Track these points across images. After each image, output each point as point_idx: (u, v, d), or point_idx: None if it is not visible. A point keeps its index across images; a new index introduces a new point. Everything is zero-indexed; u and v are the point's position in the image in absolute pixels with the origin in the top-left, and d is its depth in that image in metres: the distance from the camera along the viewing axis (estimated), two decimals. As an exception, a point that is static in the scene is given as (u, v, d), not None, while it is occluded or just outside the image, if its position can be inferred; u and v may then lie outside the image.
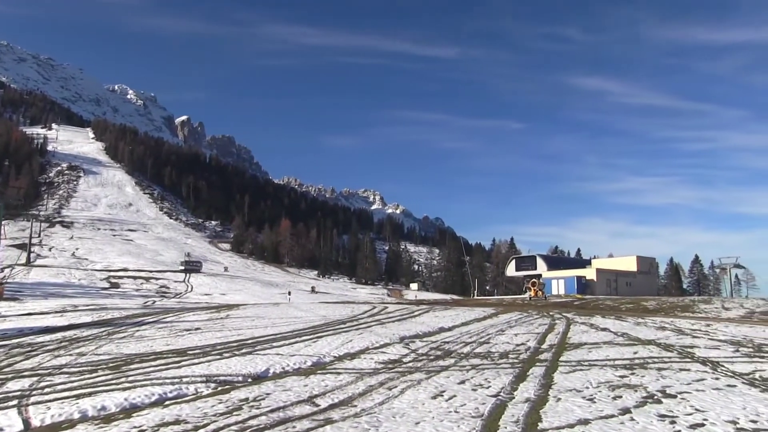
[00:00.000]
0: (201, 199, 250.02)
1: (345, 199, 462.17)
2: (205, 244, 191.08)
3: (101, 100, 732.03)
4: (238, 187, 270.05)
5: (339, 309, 43.75)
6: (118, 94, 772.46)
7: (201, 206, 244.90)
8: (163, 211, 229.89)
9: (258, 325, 30.19)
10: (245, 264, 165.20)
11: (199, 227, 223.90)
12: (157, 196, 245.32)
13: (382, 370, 15.58)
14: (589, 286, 78.16)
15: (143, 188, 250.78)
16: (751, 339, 22.80)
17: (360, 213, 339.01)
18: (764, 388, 12.50)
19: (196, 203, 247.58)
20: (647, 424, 9.54)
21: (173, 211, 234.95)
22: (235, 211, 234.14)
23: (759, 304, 48.27)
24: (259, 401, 11.66)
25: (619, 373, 14.51)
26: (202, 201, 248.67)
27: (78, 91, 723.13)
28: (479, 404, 11.07)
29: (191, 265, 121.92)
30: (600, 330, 26.52)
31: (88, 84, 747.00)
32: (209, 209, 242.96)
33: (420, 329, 27.07)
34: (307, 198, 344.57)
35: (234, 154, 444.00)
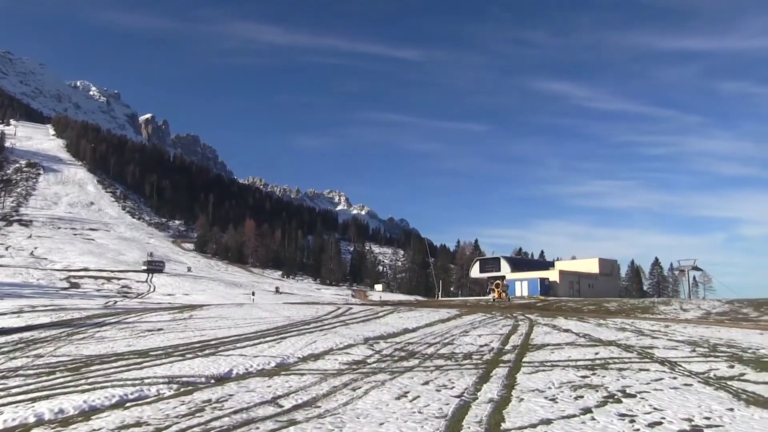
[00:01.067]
0: (164, 199, 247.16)
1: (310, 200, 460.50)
2: (169, 244, 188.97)
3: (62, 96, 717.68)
4: (203, 186, 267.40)
5: (303, 310, 43.58)
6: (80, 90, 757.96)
7: (164, 205, 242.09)
8: (126, 210, 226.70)
9: (221, 325, 29.94)
10: (209, 264, 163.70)
11: (162, 227, 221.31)
12: (119, 195, 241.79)
13: (346, 371, 15.56)
14: (552, 287, 79.01)
15: (105, 187, 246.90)
16: (707, 339, 23.31)
17: (325, 214, 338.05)
18: (718, 386, 12.82)
19: (160, 202, 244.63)
20: (608, 423, 9.68)
21: (136, 211, 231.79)
22: (199, 210, 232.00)
23: (715, 305, 49.30)
24: (222, 402, 11.55)
25: (581, 374, 14.70)
26: (166, 200, 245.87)
27: (38, 86, 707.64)
28: (443, 405, 11.12)
29: (154, 265, 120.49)
30: (562, 331, 26.84)
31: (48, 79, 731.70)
32: (173, 209, 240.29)
33: (384, 330, 27.10)
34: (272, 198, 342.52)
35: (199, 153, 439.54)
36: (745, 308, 45.35)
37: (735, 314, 42.26)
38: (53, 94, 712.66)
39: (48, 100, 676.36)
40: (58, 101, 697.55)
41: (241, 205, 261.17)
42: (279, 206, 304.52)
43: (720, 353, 18.74)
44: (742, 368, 15.49)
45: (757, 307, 45.23)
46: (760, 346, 20.97)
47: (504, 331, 27.03)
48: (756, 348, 20.43)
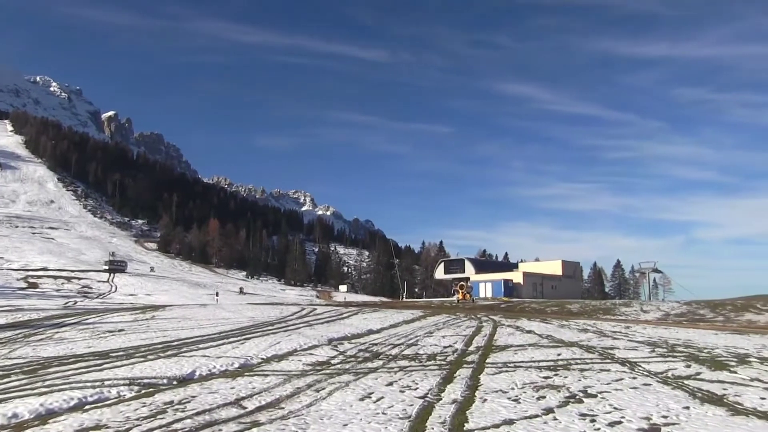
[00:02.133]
0: (127, 197, 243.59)
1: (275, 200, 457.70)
2: (131, 244, 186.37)
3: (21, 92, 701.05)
4: (167, 185, 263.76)
5: (267, 310, 43.35)
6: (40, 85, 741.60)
7: (127, 204, 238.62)
8: (87, 208, 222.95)
9: (184, 326, 29.64)
10: (172, 264, 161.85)
11: (124, 226, 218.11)
12: (80, 194, 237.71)
13: (310, 371, 15.51)
14: (516, 289, 79.68)
15: (66, 185, 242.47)
16: (666, 340, 23.78)
17: (290, 214, 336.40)
18: (675, 385, 13.10)
19: (122, 201, 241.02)
20: (569, 423, 9.81)
21: (98, 209, 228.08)
22: (163, 210, 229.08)
23: (674, 306, 50.24)
24: (185, 404, 11.42)
25: (544, 374, 14.86)
26: (129, 199, 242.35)
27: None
28: (407, 406, 11.15)
29: (116, 264, 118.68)
30: (525, 332, 27.11)
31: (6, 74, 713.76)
32: (136, 208, 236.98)
33: (348, 331, 27.08)
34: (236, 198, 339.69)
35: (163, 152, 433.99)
36: (702, 309, 46.30)
37: (692, 315, 43.15)
38: (11, 89, 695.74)
39: (5, 95, 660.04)
40: (16, 96, 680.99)
41: (206, 204, 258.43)
42: (244, 206, 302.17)
43: (678, 353, 19.15)
44: (698, 368, 15.85)
45: (714, 308, 46.22)
46: (715, 346, 21.48)
47: (468, 332, 27.20)
48: (711, 348, 20.92)
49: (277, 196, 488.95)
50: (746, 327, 34.51)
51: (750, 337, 25.99)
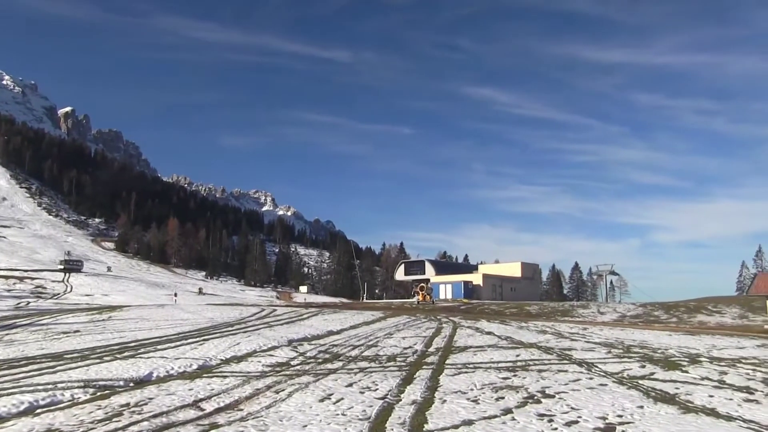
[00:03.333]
0: (84, 195, 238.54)
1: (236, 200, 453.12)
2: (88, 243, 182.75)
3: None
4: (125, 184, 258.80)
5: (227, 311, 43.01)
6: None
7: (84, 203, 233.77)
8: (42, 207, 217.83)
9: (142, 327, 29.24)
10: (130, 264, 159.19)
11: (81, 225, 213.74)
12: (35, 191, 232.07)
13: (270, 373, 15.42)
14: (476, 290, 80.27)
15: (19, 182, 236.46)
16: (622, 341, 24.23)
17: (250, 214, 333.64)
18: (630, 385, 13.37)
19: (79, 199, 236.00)
20: (527, 423, 9.92)
21: (53, 207, 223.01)
22: (121, 208, 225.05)
23: (630, 308, 51.21)
24: (141, 406, 11.24)
25: (502, 375, 15.00)
26: (86, 197, 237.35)
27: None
28: (366, 407, 11.15)
29: (71, 264, 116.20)
30: (485, 333, 27.34)
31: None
32: (93, 206, 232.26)
33: (309, 332, 26.99)
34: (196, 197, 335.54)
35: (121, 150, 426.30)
36: (656, 311, 47.31)
37: (648, 317, 44.05)
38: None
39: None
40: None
41: (165, 203, 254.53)
42: (204, 205, 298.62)
43: (633, 354, 19.53)
44: (653, 368, 16.20)
45: (668, 310, 47.27)
46: (669, 347, 21.98)
47: (428, 333, 27.32)
48: (665, 348, 21.40)
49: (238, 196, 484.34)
50: (698, 328, 35.37)
51: (701, 338, 26.66)
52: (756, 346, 23.18)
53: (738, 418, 10.28)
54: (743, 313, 44.48)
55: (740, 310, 45.85)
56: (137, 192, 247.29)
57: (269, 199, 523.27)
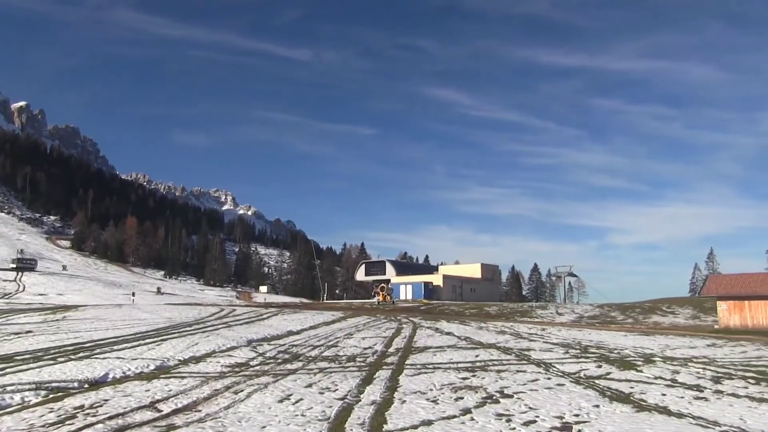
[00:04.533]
0: (39, 192, 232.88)
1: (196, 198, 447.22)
2: (42, 241, 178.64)
3: None
4: (82, 181, 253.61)
5: (185, 311, 42.57)
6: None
7: (39, 200, 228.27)
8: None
9: (98, 327, 28.77)
10: (86, 263, 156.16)
11: (35, 222, 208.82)
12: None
13: (229, 373, 15.29)
14: (436, 291, 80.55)
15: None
16: (579, 341, 24.63)
17: (210, 213, 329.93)
18: (587, 385, 13.59)
19: (33, 196, 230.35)
20: (486, 423, 10.00)
21: (5, 205, 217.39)
22: (78, 206, 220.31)
23: (587, 309, 52.04)
24: (96, 408, 11.03)
25: (462, 376, 15.11)
26: (40, 194, 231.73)
27: None
28: (326, 407, 11.13)
29: (24, 262, 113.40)
30: (444, 334, 27.52)
31: None
32: (48, 203, 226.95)
33: (268, 332, 26.86)
34: (155, 195, 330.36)
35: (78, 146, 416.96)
36: (613, 312, 48.17)
37: (604, 317, 44.82)
38: None
39: None
40: None
41: (123, 201, 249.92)
42: (163, 204, 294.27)
43: (590, 354, 19.86)
44: (609, 368, 16.51)
45: (624, 311, 48.17)
46: (625, 347, 22.42)
47: (388, 333, 27.39)
48: (621, 349, 21.82)
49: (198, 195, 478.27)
50: (652, 328, 36.12)
51: (655, 338, 27.25)
52: (706, 346, 23.82)
53: (688, 415, 10.56)
54: (695, 313, 45.56)
55: (692, 310, 46.95)
56: (94, 189, 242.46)
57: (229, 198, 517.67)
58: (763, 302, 35.20)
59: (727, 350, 22.36)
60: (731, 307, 36.15)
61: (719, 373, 15.91)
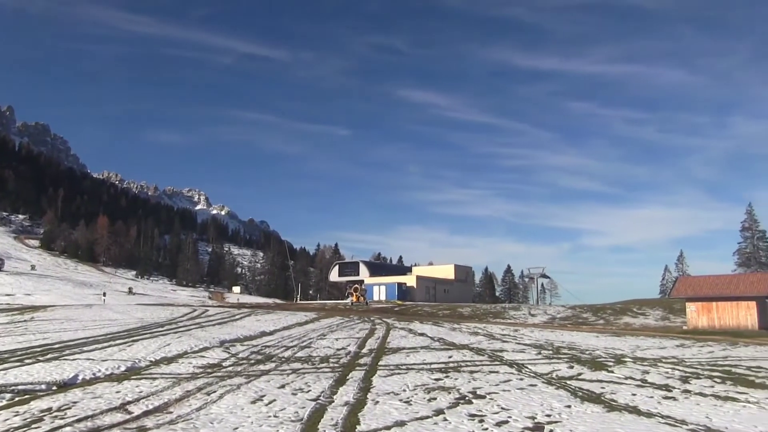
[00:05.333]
0: (7, 191, 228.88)
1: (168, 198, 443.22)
2: (10, 240, 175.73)
3: None
4: (52, 179, 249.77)
5: (157, 311, 42.21)
6: None
7: (6, 198, 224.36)
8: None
9: (67, 328, 28.40)
10: (56, 262, 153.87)
11: (3, 221, 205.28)
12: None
13: (201, 374, 15.18)
14: (410, 292, 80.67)
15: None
16: (552, 342, 24.84)
17: (183, 213, 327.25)
18: (559, 385, 13.72)
19: (1, 195, 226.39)
20: (458, 424, 10.04)
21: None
22: (47, 205, 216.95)
23: (560, 310, 52.50)
24: (64, 411, 10.86)
25: (435, 376, 15.15)
26: (9, 192, 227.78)
27: None
28: (299, 408, 11.10)
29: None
30: (418, 335, 27.58)
31: None
32: (17, 202, 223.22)
33: (241, 333, 26.73)
34: (128, 195, 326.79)
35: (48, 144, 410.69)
36: (585, 313, 48.65)
37: (576, 319, 45.24)
38: None
39: None
40: None
41: (94, 200, 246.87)
42: (135, 203, 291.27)
43: (562, 355, 20.04)
44: (580, 368, 16.67)
45: (595, 312, 48.67)
46: (596, 348, 22.67)
47: (361, 334, 27.39)
48: (592, 349, 22.05)
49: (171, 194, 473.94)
50: (623, 329, 36.55)
51: (626, 339, 27.60)
52: (675, 346, 24.19)
53: (657, 415, 10.71)
54: (665, 315, 46.18)
55: (662, 312, 47.57)
56: (65, 188, 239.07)
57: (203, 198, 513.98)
58: (730, 303, 35.81)
59: (695, 350, 22.74)
60: (699, 309, 36.72)
61: (687, 372, 16.17)
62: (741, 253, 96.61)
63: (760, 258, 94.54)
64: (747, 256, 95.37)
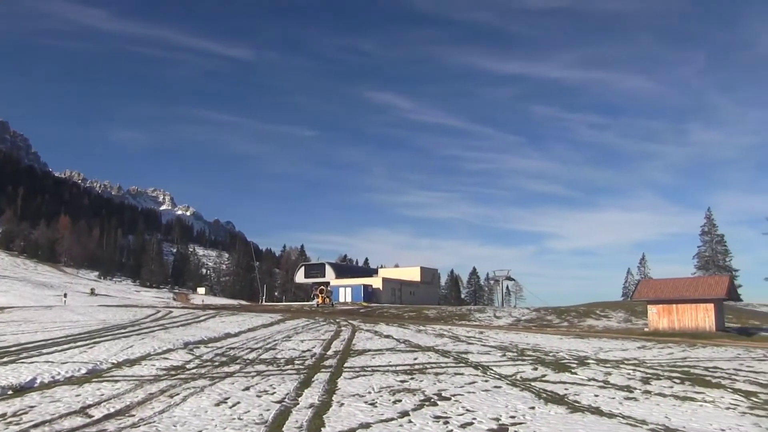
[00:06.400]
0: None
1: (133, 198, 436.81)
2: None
3: None
4: (11, 177, 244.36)
5: (120, 313, 41.64)
6: None
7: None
8: None
9: (26, 330, 27.85)
10: (14, 263, 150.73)
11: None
12: None
13: (164, 376, 14.99)
14: (375, 294, 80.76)
15: None
16: (516, 344, 25.07)
17: (148, 213, 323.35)
18: (523, 387, 13.85)
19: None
20: (423, 426, 10.07)
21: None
22: (6, 203, 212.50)
23: (524, 312, 52.97)
24: (20, 416, 10.59)
25: (400, 378, 15.18)
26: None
27: None
28: (263, 410, 11.02)
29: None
30: (383, 337, 27.61)
31: None
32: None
33: (205, 335, 26.49)
34: (91, 194, 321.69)
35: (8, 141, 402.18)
36: (549, 315, 49.14)
37: (541, 321, 45.70)
38: None
39: None
40: None
41: (56, 199, 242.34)
42: (98, 203, 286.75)
43: (526, 357, 20.23)
44: (544, 370, 16.84)
45: (559, 315, 49.20)
46: (560, 350, 22.93)
47: (326, 336, 27.33)
48: (556, 351, 22.30)
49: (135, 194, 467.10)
50: (587, 332, 37.02)
51: (589, 341, 27.97)
52: (637, 348, 24.59)
53: (618, 415, 10.89)
54: (627, 317, 46.86)
55: (625, 314, 48.29)
56: (25, 187, 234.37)
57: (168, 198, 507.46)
58: (690, 306, 36.48)
59: (656, 352, 23.15)
60: (660, 311, 37.34)
61: (648, 373, 16.46)
62: (700, 256, 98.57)
63: (719, 261, 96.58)
64: (706, 260, 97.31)
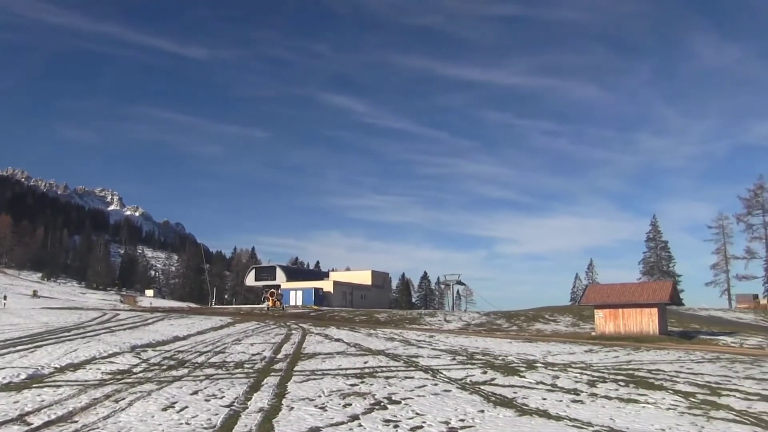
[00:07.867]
0: None
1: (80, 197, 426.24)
2: None
3: None
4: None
5: (64, 315, 40.70)
6: None
7: None
8: None
9: (-38, 333, 26.93)
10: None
11: None
12: None
13: (110, 381, 14.67)
14: (326, 297, 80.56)
15: None
16: (466, 348, 25.31)
17: (95, 213, 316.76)
18: (473, 391, 13.98)
19: None
20: (373, 429, 10.07)
21: None
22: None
23: (475, 317, 53.52)
24: (-47, 424, 10.23)
25: (350, 382, 15.16)
26: None
27: None
28: (212, 415, 10.88)
29: None
30: (334, 340, 27.59)
31: None
32: None
33: (153, 338, 26.07)
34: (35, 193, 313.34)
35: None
36: (499, 320, 49.77)
37: (491, 325, 46.23)
38: None
39: None
40: None
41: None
42: (43, 202, 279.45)
43: (476, 361, 20.44)
44: (494, 374, 17.06)
45: (509, 319, 49.85)
46: (509, 354, 23.23)
47: (277, 339, 27.18)
48: (505, 355, 22.60)
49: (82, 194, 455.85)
50: (535, 336, 37.60)
51: (538, 345, 28.41)
52: (584, 352, 25.09)
53: (566, 418, 11.09)
54: (575, 321, 47.76)
55: (572, 318, 49.21)
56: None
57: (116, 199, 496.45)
58: (635, 310, 37.33)
59: (602, 355, 23.65)
60: (607, 315, 38.11)
61: (594, 377, 16.81)
62: (645, 262, 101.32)
63: (663, 267, 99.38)
64: (651, 265, 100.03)
